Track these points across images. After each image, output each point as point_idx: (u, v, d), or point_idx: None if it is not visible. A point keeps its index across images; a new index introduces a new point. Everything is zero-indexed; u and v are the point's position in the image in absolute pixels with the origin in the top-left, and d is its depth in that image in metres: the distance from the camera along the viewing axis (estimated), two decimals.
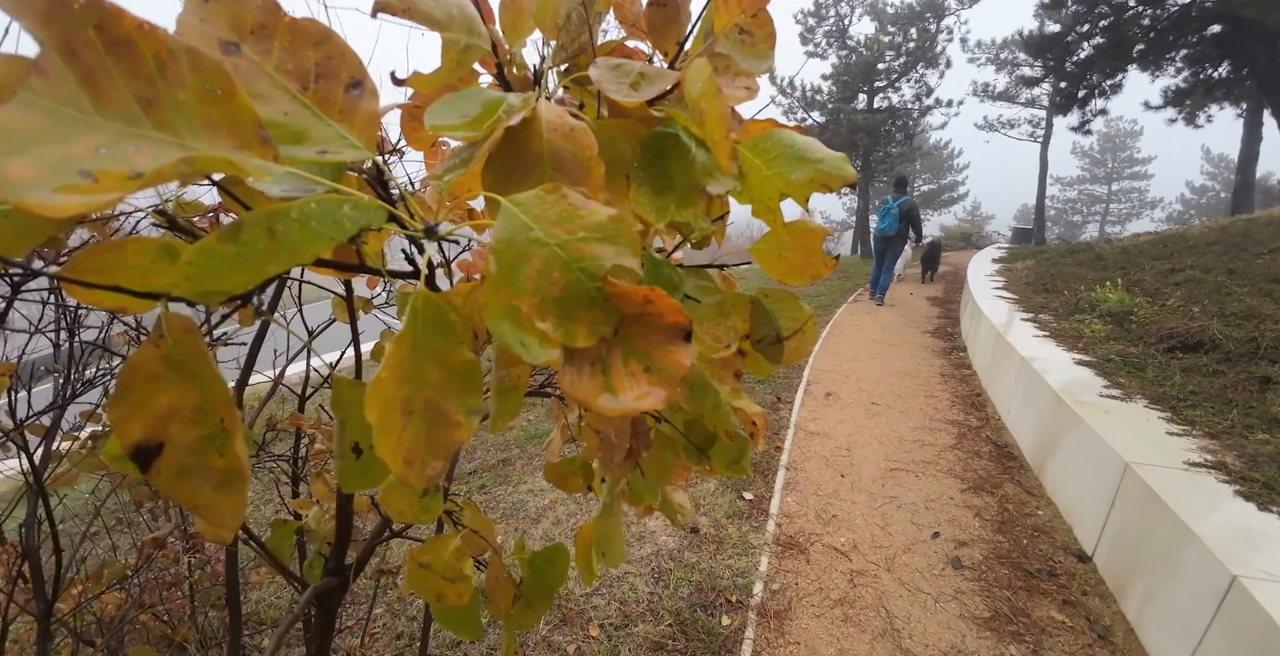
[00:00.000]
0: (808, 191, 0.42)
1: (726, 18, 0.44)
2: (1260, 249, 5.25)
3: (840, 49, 15.57)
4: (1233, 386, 2.96)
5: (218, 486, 0.29)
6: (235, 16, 0.28)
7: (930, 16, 14.61)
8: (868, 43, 14.94)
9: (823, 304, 7.74)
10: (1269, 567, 1.73)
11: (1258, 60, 9.60)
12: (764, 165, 0.42)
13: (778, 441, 3.71)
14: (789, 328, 0.56)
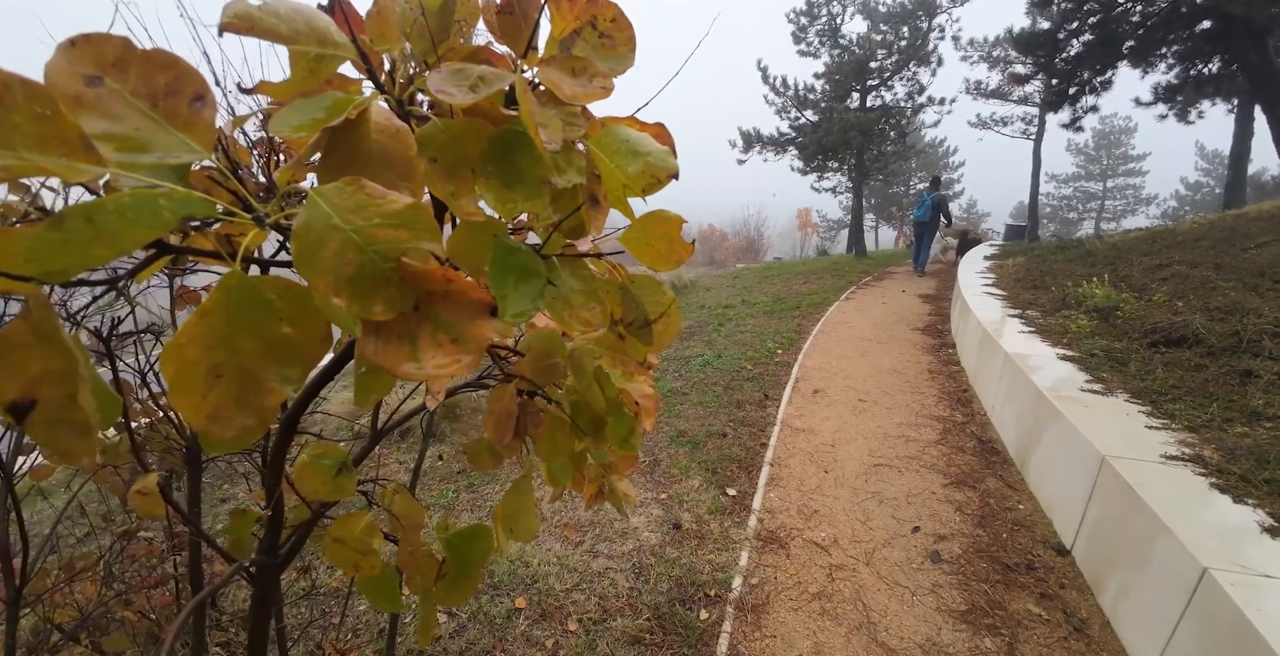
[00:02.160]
0: (641, 183, 0.45)
1: (563, 24, 0.48)
2: (1248, 243, 5.27)
3: (833, 48, 15.57)
4: (1214, 380, 2.97)
5: (79, 434, 0.34)
6: (98, 55, 0.33)
7: (922, 14, 14.61)
8: (860, 41, 14.94)
9: (815, 302, 7.75)
10: (1241, 560, 1.73)
11: (1247, 56, 9.63)
12: (608, 159, 0.46)
13: (763, 438, 3.71)
14: (654, 311, 0.60)
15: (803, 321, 6.69)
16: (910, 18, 14.69)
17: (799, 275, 10.92)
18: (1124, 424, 2.61)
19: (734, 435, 3.81)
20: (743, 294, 9.09)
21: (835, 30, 15.56)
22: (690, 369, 5.26)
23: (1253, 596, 1.58)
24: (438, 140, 0.40)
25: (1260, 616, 1.51)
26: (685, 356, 5.67)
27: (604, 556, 2.62)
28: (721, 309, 7.84)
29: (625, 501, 1.00)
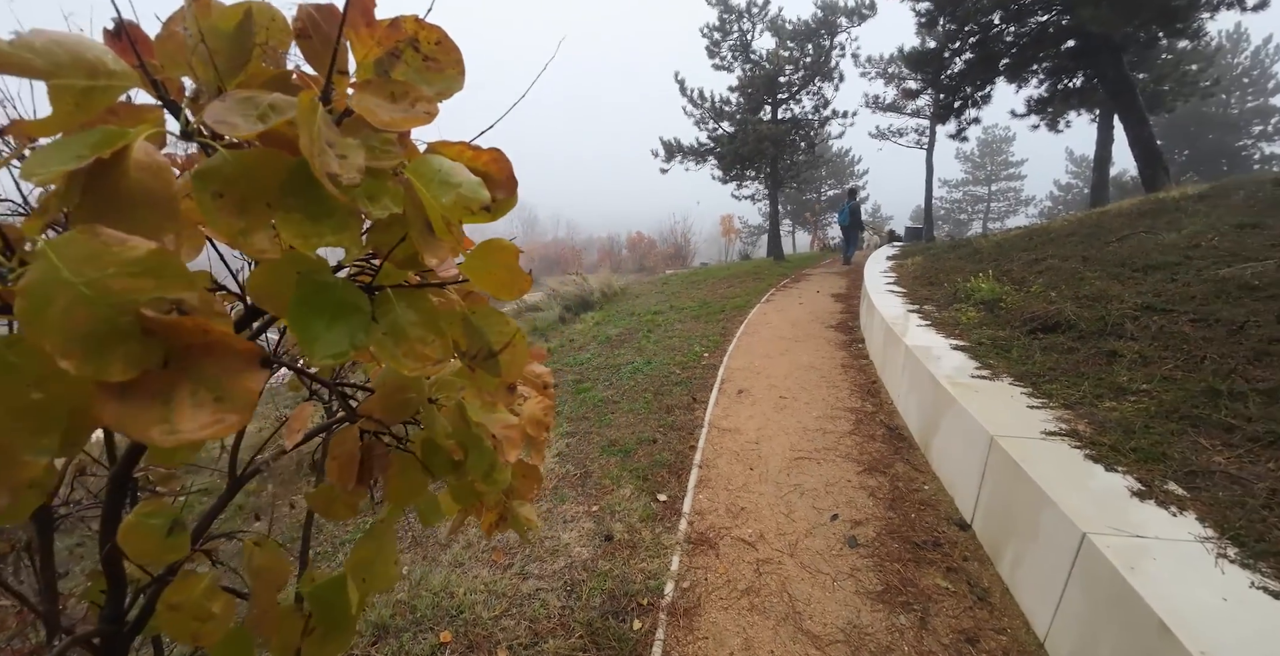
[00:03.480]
0: (456, 214, 0.44)
1: (364, 49, 0.47)
2: (1110, 237, 5.95)
3: (745, 62, 16.33)
4: (1085, 361, 3.33)
5: None
6: None
7: (824, 33, 15.66)
8: (770, 57, 15.78)
9: (738, 305, 8.04)
10: (1115, 523, 1.92)
11: (1107, 71, 11.04)
12: (424, 188, 0.44)
13: (692, 441, 3.78)
14: (499, 341, 0.58)
15: (727, 324, 6.91)
16: (814, 36, 15.67)
17: (723, 279, 11.28)
18: (1009, 405, 2.88)
19: (664, 440, 3.85)
20: (671, 300, 9.27)
21: (746, 46, 16.32)
22: (621, 377, 5.28)
23: (1127, 556, 1.76)
24: (225, 173, 0.37)
25: (1134, 574, 1.68)
26: (616, 364, 5.69)
27: (534, 577, 2.56)
28: (651, 315, 7.95)
29: (528, 527, 0.98)
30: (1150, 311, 3.53)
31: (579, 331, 7.97)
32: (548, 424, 0.98)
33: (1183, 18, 9.41)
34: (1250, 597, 1.60)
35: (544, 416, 0.98)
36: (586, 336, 7.49)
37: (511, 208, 0.52)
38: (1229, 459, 2.24)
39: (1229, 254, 3.91)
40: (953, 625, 2.18)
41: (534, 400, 0.98)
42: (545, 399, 1.01)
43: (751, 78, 15.79)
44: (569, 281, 10.84)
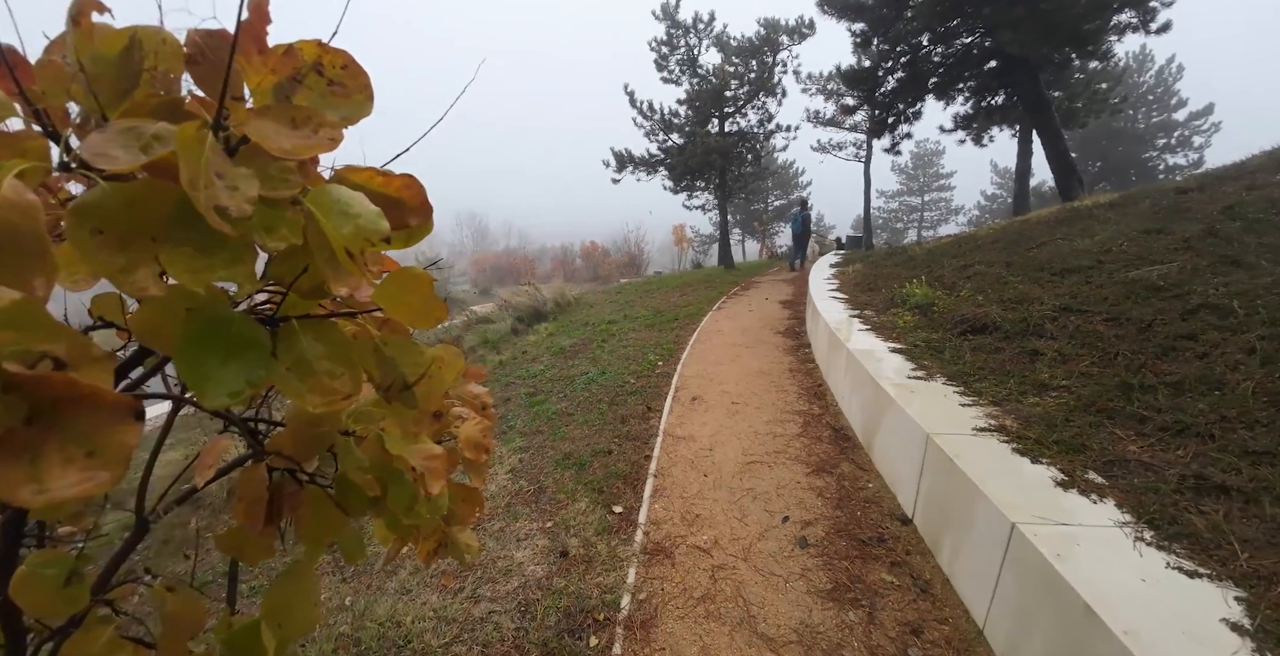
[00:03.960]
0: (356, 246, 0.43)
1: (259, 77, 0.45)
2: (1031, 244, 6.35)
3: (692, 76, 16.74)
4: (1010, 360, 3.55)
5: None
6: None
7: (767, 50, 16.26)
8: (715, 72, 16.24)
9: (691, 313, 8.16)
10: (1041, 513, 2.04)
11: (1025, 90, 11.92)
12: (324, 219, 0.43)
13: (647, 450, 3.80)
14: (413, 372, 0.56)
15: (680, 332, 7.00)
16: (758, 53, 16.24)
17: (676, 288, 11.42)
18: (943, 404, 3.04)
19: (620, 451, 3.85)
20: (625, 309, 9.30)
21: (694, 60, 16.74)
22: (575, 388, 5.25)
23: (1053, 543, 1.87)
24: (105, 207, 0.35)
25: (1060, 560, 1.79)
26: (570, 376, 5.65)
27: (486, 600, 2.49)
28: (605, 325, 7.95)
29: (469, 553, 0.96)
30: (1067, 312, 3.82)
31: (532, 343, 7.87)
32: (487, 446, 0.97)
33: (1093, 40, 10.33)
34: (1166, 578, 1.72)
35: (483, 438, 0.96)
36: (540, 347, 7.40)
37: (427, 233, 0.51)
38: (1142, 448, 2.42)
39: (1137, 258, 4.26)
40: (898, 618, 2.26)
41: (472, 422, 0.97)
42: (484, 420, 0.99)
43: (699, 91, 16.20)
44: (521, 292, 10.70)
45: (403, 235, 0.50)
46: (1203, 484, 2.10)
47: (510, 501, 3.40)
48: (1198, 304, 3.15)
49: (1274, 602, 1.59)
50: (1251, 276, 3.24)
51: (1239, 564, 1.74)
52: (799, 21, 15.49)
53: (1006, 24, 9.72)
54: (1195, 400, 2.53)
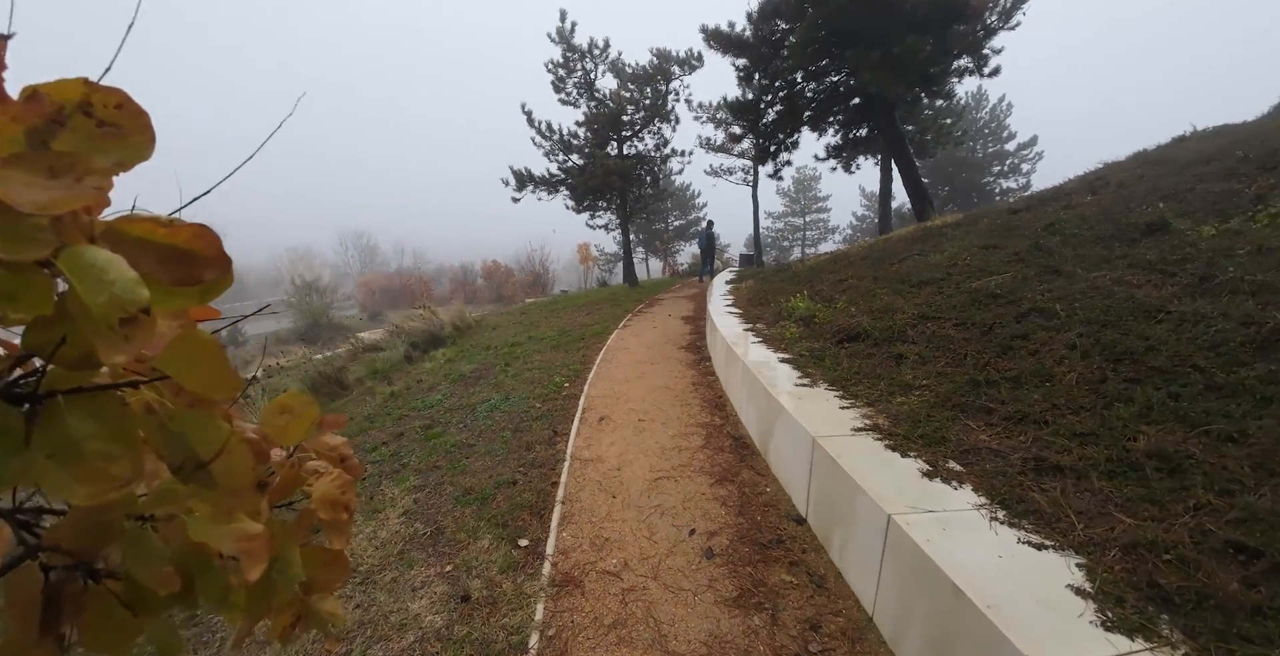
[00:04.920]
0: (111, 317, 0.37)
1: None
2: (894, 259, 7.09)
3: (590, 100, 17.10)
4: (880, 364, 3.92)
5: None
6: None
7: (660, 78, 17.07)
8: (612, 96, 16.73)
9: (597, 332, 8.17)
10: (911, 502, 2.23)
11: (884, 124, 13.51)
12: (79, 285, 0.37)
13: (554, 477, 3.69)
14: (208, 449, 0.48)
15: (587, 352, 6.97)
16: (651, 80, 16.97)
17: (582, 307, 11.41)
18: (825, 408, 3.27)
19: (525, 480, 3.70)
20: (530, 329, 9.11)
21: (590, 84, 17.11)
22: (477, 417, 5.00)
23: (923, 530, 2.05)
24: None
25: (929, 545, 1.96)
26: (471, 404, 5.38)
27: None
28: (509, 347, 7.71)
29: (333, 623, 0.85)
30: (925, 319, 4.30)
31: (428, 370, 7.42)
32: (347, 503, 0.87)
33: (937, 82, 12.03)
34: (1019, 552, 1.94)
35: (341, 495, 0.87)
36: (437, 375, 7.00)
37: (226, 287, 0.45)
38: (991, 436, 2.74)
39: (978, 270, 4.90)
40: (798, 616, 2.36)
41: (329, 477, 0.87)
42: (344, 474, 0.90)
43: (597, 115, 16.56)
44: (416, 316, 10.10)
45: (197, 291, 0.43)
46: (1042, 465, 2.39)
47: (404, 547, 3.13)
48: (1028, 308, 3.68)
49: (1109, 566, 1.84)
50: (1070, 283, 3.83)
51: (1076, 534, 1.99)
52: (689, 53, 16.45)
53: (866, 66, 11.02)
54: (1030, 391, 2.92)
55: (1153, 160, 6.40)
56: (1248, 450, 2.10)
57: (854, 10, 10.61)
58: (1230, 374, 2.45)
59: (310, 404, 0.85)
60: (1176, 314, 2.97)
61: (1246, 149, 4.96)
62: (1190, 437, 2.24)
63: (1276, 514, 1.82)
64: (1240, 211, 3.87)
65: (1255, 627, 1.52)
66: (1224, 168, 4.76)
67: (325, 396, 7.86)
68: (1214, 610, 1.60)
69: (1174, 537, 1.87)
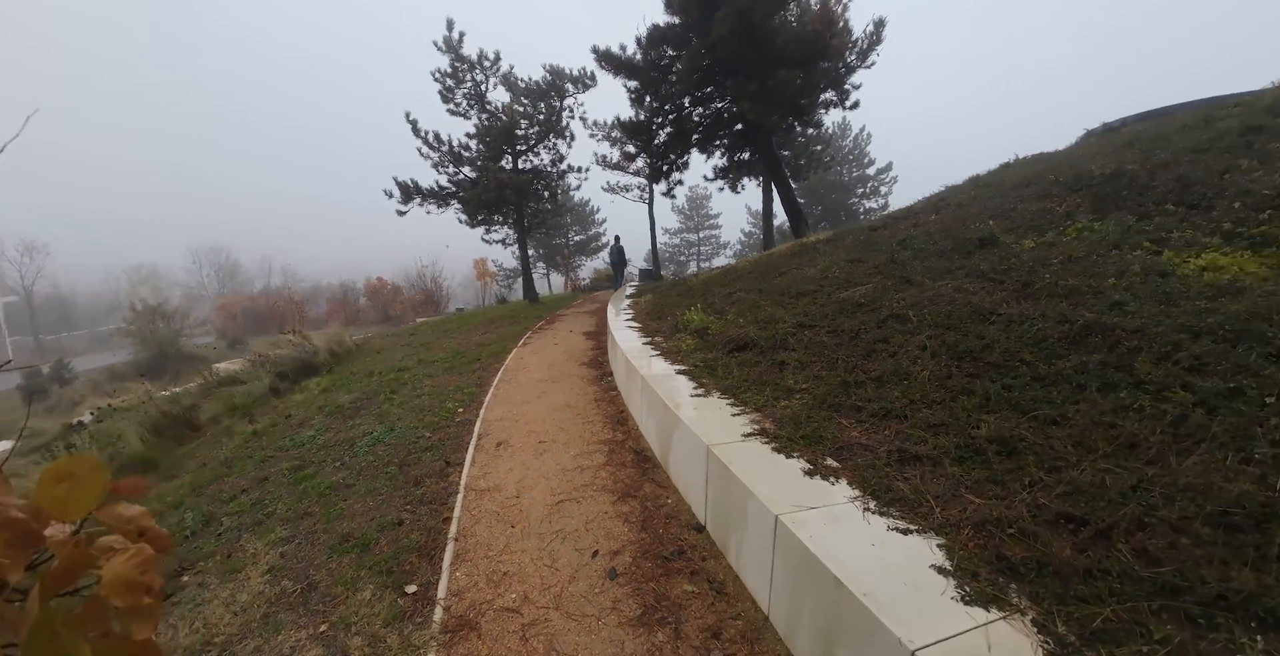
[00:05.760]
0: None
1: None
2: (776, 273, 7.59)
3: (481, 112, 16.68)
4: (765, 371, 4.13)
5: None
6: None
7: (554, 95, 17.09)
8: (505, 110, 16.45)
9: (495, 351, 7.86)
10: (794, 501, 2.35)
11: (763, 149, 14.57)
12: None
13: (446, 512, 3.44)
14: None
15: (484, 373, 6.67)
16: (545, 96, 16.94)
17: (479, 325, 10.95)
18: (719, 416, 3.38)
19: (413, 519, 3.41)
20: (420, 352, 8.54)
21: (481, 96, 16.70)
22: (357, 453, 4.55)
23: (806, 527, 2.16)
24: None
25: (811, 541, 2.07)
26: (350, 439, 4.89)
27: None
28: (395, 373, 7.16)
29: None
30: (803, 327, 4.63)
31: (299, 403, 6.66)
32: (150, 583, 0.73)
33: (807, 112, 13.29)
34: (889, 539, 2.10)
35: (140, 575, 0.72)
36: (310, 408, 6.30)
37: None
38: (861, 432, 2.97)
39: (845, 281, 5.38)
40: (700, 625, 2.38)
41: (125, 555, 0.73)
42: (146, 549, 0.75)
43: (489, 128, 16.18)
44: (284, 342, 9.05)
45: None
46: (904, 455, 2.63)
47: (269, 609, 2.73)
48: (887, 315, 4.09)
49: (964, 544, 2.04)
50: (920, 292, 4.31)
51: (936, 516, 2.20)
52: (582, 72, 16.66)
53: (745, 96, 11.86)
54: (892, 389, 3.23)
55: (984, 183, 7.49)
56: (1068, 431, 2.44)
57: (732, 44, 11.42)
58: (1051, 365, 2.87)
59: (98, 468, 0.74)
60: (1006, 316, 3.45)
61: (1057, 173, 5.92)
62: (1022, 423, 2.58)
63: (1095, 485, 2.12)
64: (1053, 227, 4.62)
65: (1088, 588, 1.73)
66: (1040, 189, 5.65)
67: (171, 440, 6.76)
68: (1053, 576, 1.82)
69: (1015, 513, 2.12)
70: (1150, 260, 3.53)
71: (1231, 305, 2.78)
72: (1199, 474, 2.00)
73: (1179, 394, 2.38)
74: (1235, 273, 3.13)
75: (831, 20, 11.79)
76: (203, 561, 3.42)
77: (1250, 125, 5.01)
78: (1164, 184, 4.46)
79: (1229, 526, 1.81)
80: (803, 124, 14.42)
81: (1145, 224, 4.02)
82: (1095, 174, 5.11)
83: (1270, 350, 2.44)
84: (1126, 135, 7.07)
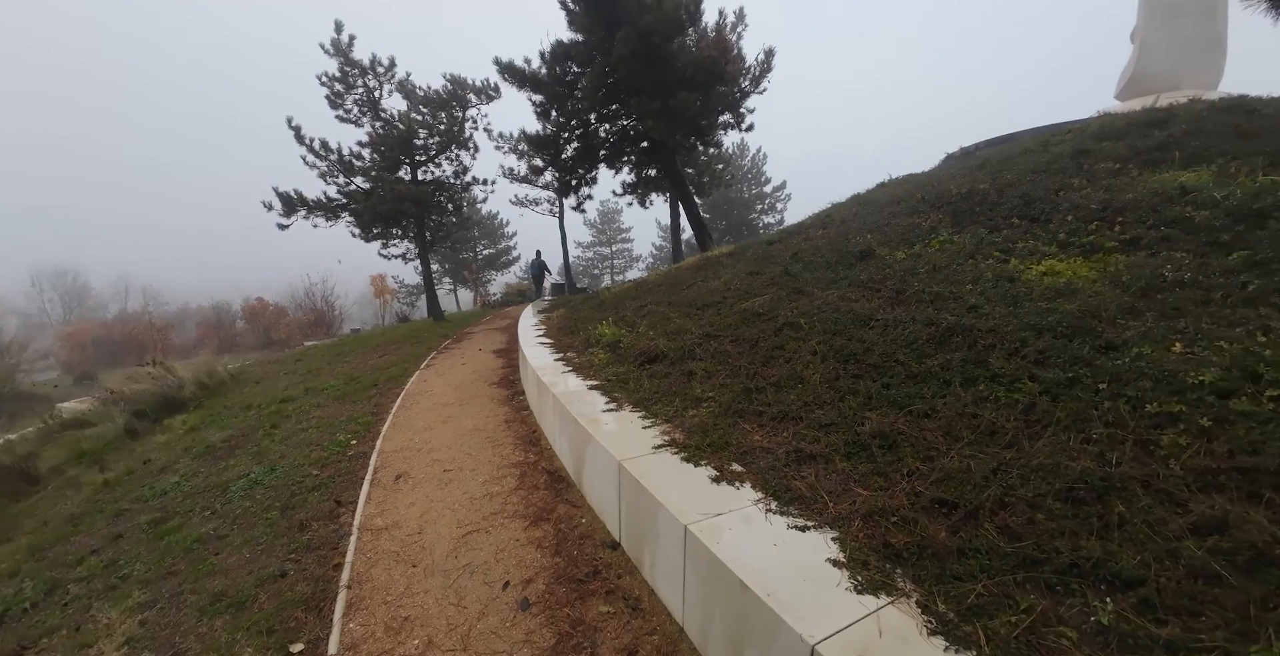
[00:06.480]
0: None
1: None
2: (683, 285, 7.80)
3: (375, 119, 15.76)
4: (675, 382, 4.20)
5: None
6: None
7: (456, 105, 16.55)
8: (401, 118, 15.66)
9: (394, 375, 7.34)
10: (702, 509, 2.37)
11: (668, 167, 15.02)
12: None
13: (338, 558, 3.12)
14: None
15: (381, 400, 6.19)
16: (446, 106, 16.35)
17: (377, 347, 10.21)
18: (630, 429, 3.38)
19: (298, 568, 3.06)
20: (307, 380, 7.78)
21: (375, 103, 15.78)
22: (231, 499, 4.03)
23: (713, 534, 2.19)
24: None
25: (719, 547, 2.10)
26: (222, 483, 4.32)
27: None
28: (278, 404, 6.45)
29: None
30: (709, 337, 4.78)
31: (161, 446, 5.80)
32: None
33: (708, 133, 13.94)
34: (789, 537, 2.18)
35: None
36: (174, 450, 5.51)
37: None
38: (762, 436, 3.09)
39: (746, 292, 5.64)
40: (616, 646, 2.33)
41: None
42: None
43: (384, 136, 15.32)
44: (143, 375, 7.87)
45: None
46: (800, 455, 2.77)
47: None
48: (782, 323, 4.33)
49: (854, 535, 2.15)
50: (810, 301, 4.61)
51: (829, 511, 2.31)
52: (485, 83, 16.30)
53: (649, 114, 12.22)
54: (788, 393, 3.40)
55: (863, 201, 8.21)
56: (939, 422, 2.69)
57: (634, 64, 11.75)
58: (921, 364, 3.17)
59: None
60: (883, 320, 3.78)
61: (923, 192, 6.60)
62: (900, 418, 2.82)
63: (963, 471, 2.33)
64: (920, 240, 5.14)
65: (962, 567, 1.89)
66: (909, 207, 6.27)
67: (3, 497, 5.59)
68: (931, 558, 1.97)
69: (896, 502, 2.29)
70: (1000, 268, 4.03)
71: (1067, 305, 3.22)
72: (1048, 455, 2.26)
73: (1028, 384, 2.71)
74: (1070, 276, 3.63)
75: (726, 47, 12.52)
76: (46, 637, 2.87)
77: (1080, 149, 5.90)
78: (1010, 201, 5.14)
79: (1075, 500, 2.05)
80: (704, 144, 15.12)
81: (995, 236, 4.59)
82: (954, 193, 5.79)
83: (1100, 343, 2.84)
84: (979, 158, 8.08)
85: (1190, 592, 1.64)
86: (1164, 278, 3.27)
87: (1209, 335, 2.67)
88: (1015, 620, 1.68)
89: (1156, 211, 4.00)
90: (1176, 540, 1.81)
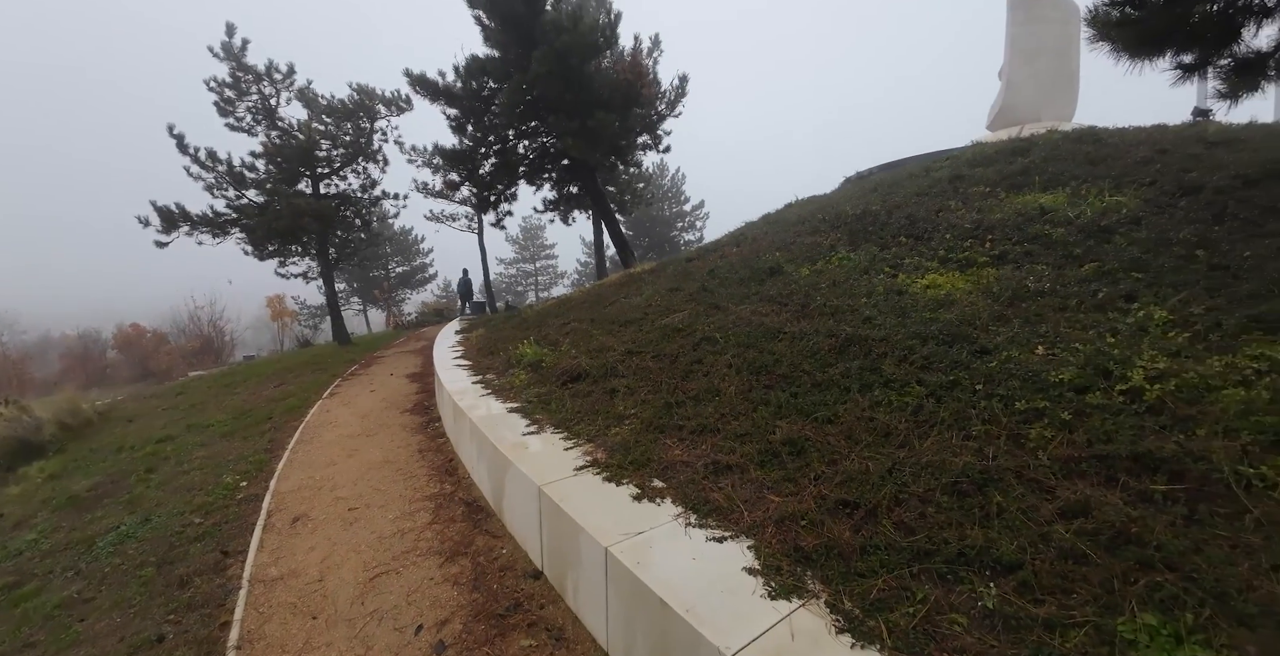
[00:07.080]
0: None
1: None
2: (606, 302, 7.82)
3: (271, 128, 14.63)
4: (598, 400, 4.17)
5: None
6: None
7: (363, 116, 15.72)
8: (301, 128, 14.65)
9: (292, 406, 6.73)
10: (623, 529, 2.35)
11: (589, 184, 15.09)
12: None
13: (225, 615, 2.77)
14: None
15: (276, 434, 5.65)
16: (352, 116, 15.50)
17: (273, 375, 9.35)
18: (551, 452, 3.31)
19: (179, 631, 2.69)
20: (189, 416, 6.95)
21: (271, 111, 14.68)
22: (98, 555, 3.49)
23: (634, 554, 2.18)
24: None
25: (639, 567, 2.09)
26: (88, 537, 3.74)
27: None
28: (153, 446, 5.70)
29: None
30: (631, 354, 4.81)
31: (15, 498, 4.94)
32: None
33: (627, 153, 14.21)
34: (707, 550, 2.20)
35: None
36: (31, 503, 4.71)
37: None
38: (683, 450, 3.12)
39: (666, 308, 5.74)
40: None
41: None
42: None
43: (281, 147, 14.24)
44: None
45: None
46: (718, 466, 2.83)
47: None
48: (700, 338, 4.45)
49: (768, 541, 2.21)
50: (725, 316, 4.78)
51: (745, 520, 2.37)
52: (396, 94, 15.66)
53: (567, 133, 12.28)
54: (706, 406, 3.48)
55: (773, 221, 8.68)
56: (840, 427, 2.86)
57: (551, 83, 11.80)
58: (824, 373, 3.36)
59: None
60: (790, 333, 3.99)
61: (824, 213, 7.08)
62: (807, 425, 2.97)
63: (862, 472, 2.48)
64: (822, 256, 5.49)
65: (864, 564, 2.00)
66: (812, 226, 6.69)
67: None
68: (837, 558, 2.07)
69: (805, 506, 2.40)
70: (890, 282, 4.40)
71: (947, 314, 3.57)
72: (935, 452, 2.47)
73: (916, 388, 2.96)
74: (949, 289, 4.03)
75: (641, 72, 12.91)
76: None
77: (956, 174, 6.60)
78: (898, 221, 5.65)
79: (960, 493, 2.24)
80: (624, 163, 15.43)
81: (886, 253, 5.02)
82: (850, 214, 6.28)
83: (976, 348, 3.16)
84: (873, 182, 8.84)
85: (1062, 573, 1.83)
86: (1028, 288, 3.73)
87: (1067, 338, 3.06)
88: (913, 611, 1.79)
89: (1020, 229, 4.56)
90: (1047, 524, 2.02)
